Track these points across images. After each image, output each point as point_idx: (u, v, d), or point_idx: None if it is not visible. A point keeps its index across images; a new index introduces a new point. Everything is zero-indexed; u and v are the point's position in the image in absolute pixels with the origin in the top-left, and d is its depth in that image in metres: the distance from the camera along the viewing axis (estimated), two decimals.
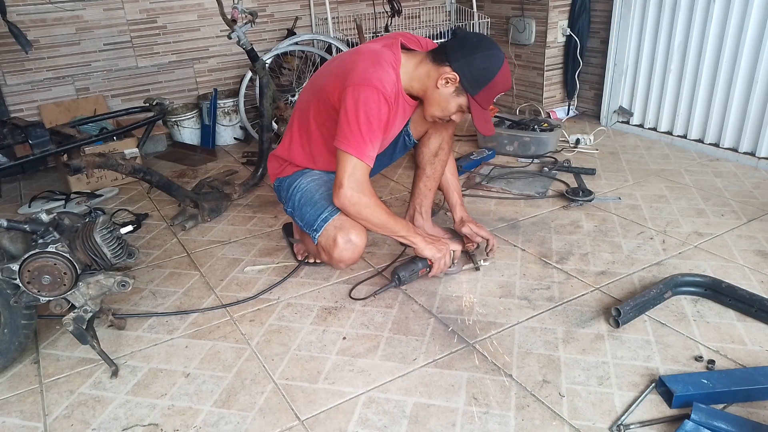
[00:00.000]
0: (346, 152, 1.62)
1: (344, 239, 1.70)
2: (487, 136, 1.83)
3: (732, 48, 2.78)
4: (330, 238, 1.71)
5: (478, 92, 1.67)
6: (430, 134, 1.98)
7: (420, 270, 1.85)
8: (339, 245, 1.70)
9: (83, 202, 2.68)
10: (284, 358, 1.61)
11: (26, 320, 1.56)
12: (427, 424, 1.36)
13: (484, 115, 1.73)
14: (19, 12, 2.98)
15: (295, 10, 3.70)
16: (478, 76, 1.65)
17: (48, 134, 2.11)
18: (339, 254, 1.72)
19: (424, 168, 2.04)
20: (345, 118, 1.61)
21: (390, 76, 1.65)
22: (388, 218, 1.72)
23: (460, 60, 1.64)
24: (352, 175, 1.63)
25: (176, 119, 3.41)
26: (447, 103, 1.71)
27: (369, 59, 1.66)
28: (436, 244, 1.82)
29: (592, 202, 2.46)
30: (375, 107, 1.60)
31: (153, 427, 1.40)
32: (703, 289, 1.79)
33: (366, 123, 1.60)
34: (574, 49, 3.48)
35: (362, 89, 1.60)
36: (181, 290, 1.98)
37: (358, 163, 1.63)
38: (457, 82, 1.66)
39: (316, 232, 1.75)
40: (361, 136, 1.61)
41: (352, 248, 1.72)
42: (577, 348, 1.59)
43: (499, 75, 1.66)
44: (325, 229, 1.73)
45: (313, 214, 1.78)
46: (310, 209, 1.80)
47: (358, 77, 1.62)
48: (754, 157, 2.78)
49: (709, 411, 1.29)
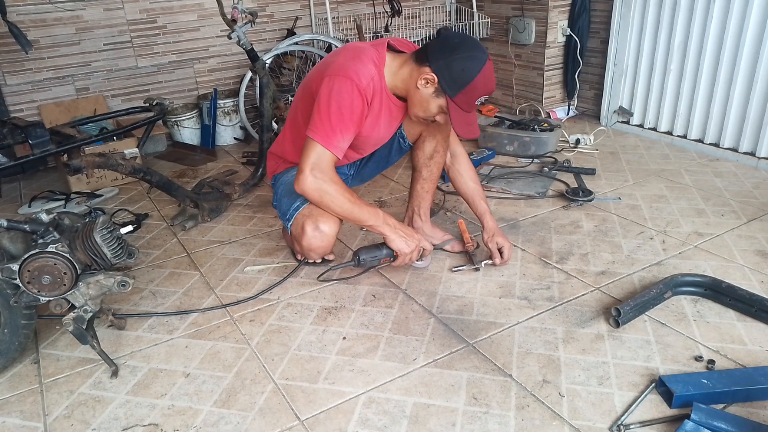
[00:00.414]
0: (313, 140, 1.63)
1: (312, 227, 1.72)
2: (468, 138, 1.81)
3: (732, 48, 2.78)
4: (299, 226, 1.73)
5: (456, 94, 1.64)
6: (425, 137, 1.97)
7: (383, 257, 1.83)
8: (307, 233, 1.72)
9: (83, 202, 2.68)
10: (284, 358, 1.61)
11: (26, 320, 1.56)
12: (427, 424, 1.36)
13: (465, 117, 1.70)
14: (19, 12, 2.98)
15: (295, 10, 3.70)
16: (456, 78, 1.62)
17: (48, 134, 2.11)
18: (308, 242, 1.74)
19: (421, 170, 2.03)
20: (317, 107, 1.63)
21: (368, 70, 1.65)
22: (353, 206, 1.70)
23: (439, 60, 1.62)
24: (316, 162, 1.63)
25: (176, 119, 3.41)
26: (428, 104, 1.70)
27: (350, 53, 1.68)
28: (408, 238, 1.80)
29: (592, 202, 2.46)
30: (348, 98, 1.61)
31: (153, 427, 1.40)
32: (703, 289, 1.79)
33: (337, 113, 1.61)
34: (574, 49, 3.48)
35: (336, 79, 1.61)
36: (181, 290, 1.98)
37: (323, 152, 1.63)
38: (436, 83, 1.64)
39: (288, 221, 1.78)
40: (330, 125, 1.61)
41: (321, 236, 1.73)
42: (577, 348, 1.59)
43: (479, 77, 1.62)
44: (295, 218, 1.76)
45: (288, 203, 1.81)
46: (287, 200, 1.82)
47: (335, 68, 1.64)
48: (754, 157, 2.78)
49: (709, 411, 1.29)
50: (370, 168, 2.12)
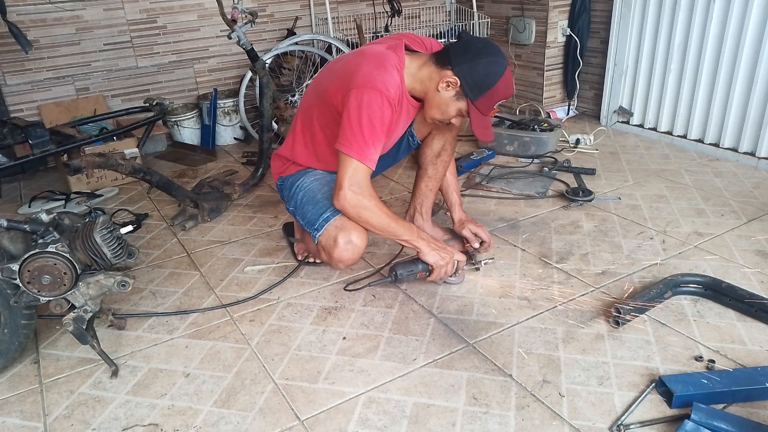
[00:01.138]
0: (347, 155, 1.62)
1: (345, 240, 1.70)
2: (486, 142, 1.81)
3: (732, 48, 2.78)
4: (331, 238, 1.71)
5: (478, 98, 1.65)
6: (434, 135, 1.98)
7: (419, 272, 1.82)
8: (339, 245, 1.70)
9: (83, 202, 2.68)
10: (284, 358, 1.61)
11: (26, 320, 1.56)
12: (427, 424, 1.36)
13: (484, 121, 1.72)
14: (19, 12, 2.98)
15: (295, 10, 3.70)
16: (479, 82, 1.63)
17: (48, 134, 2.11)
18: (339, 254, 1.72)
19: (426, 168, 2.03)
20: (348, 120, 1.61)
21: (394, 79, 1.65)
22: (390, 221, 1.71)
23: (462, 64, 1.63)
24: (352, 177, 1.63)
25: (176, 119, 3.41)
26: (447, 107, 1.70)
27: (373, 62, 1.65)
28: (441, 251, 1.78)
29: (592, 202, 2.46)
30: (378, 110, 1.60)
31: (153, 427, 1.40)
32: (703, 289, 1.79)
33: (369, 126, 1.60)
34: (574, 49, 3.48)
35: (365, 92, 1.59)
36: (181, 290, 1.98)
37: (359, 166, 1.62)
38: (458, 87, 1.65)
39: (317, 231, 1.75)
40: (363, 138, 1.60)
41: (353, 249, 1.71)
42: (577, 348, 1.59)
43: (500, 82, 1.64)
44: (326, 229, 1.73)
45: (315, 213, 1.78)
46: (312, 208, 1.80)
47: (362, 80, 1.61)
48: (754, 157, 2.78)
49: (709, 411, 1.29)
50: (378, 166, 2.10)
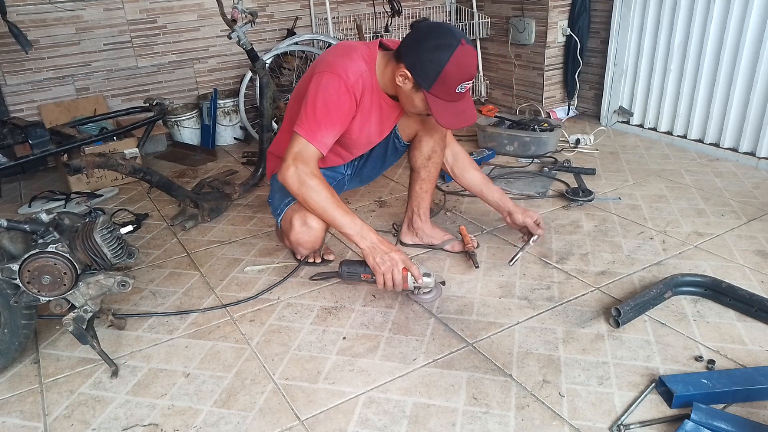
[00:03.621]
0: (297, 133, 1.64)
1: (300, 222, 1.72)
2: (457, 128, 1.72)
3: (732, 48, 2.78)
4: (288, 221, 1.75)
5: (432, 86, 1.59)
6: (421, 137, 1.95)
7: (362, 274, 1.72)
8: (295, 228, 1.73)
9: (83, 202, 2.68)
10: (284, 358, 1.61)
11: (26, 320, 1.56)
12: (427, 424, 1.36)
13: (449, 107, 1.63)
14: (19, 12, 2.99)
15: (295, 10, 3.70)
16: (427, 69, 1.56)
17: (48, 134, 2.11)
18: (296, 237, 1.75)
19: (419, 171, 2.02)
20: (305, 102, 1.64)
21: (357, 66, 1.65)
22: (334, 207, 1.63)
23: (410, 55, 1.59)
24: (299, 153, 1.63)
25: (176, 119, 3.41)
26: (413, 100, 1.67)
27: (340, 50, 1.69)
28: (382, 254, 1.64)
29: (592, 202, 2.46)
30: (334, 94, 1.61)
31: (153, 427, 1.40)
32: (703, 289, 1.79)
33: (323, 108, 1.61)
34: (574, 49, 3.48)
35: (324, 76, 1.62)
36: (181, 290, 1.98)
37: (307, 145, 1.63)
38: (411, 78, 1.61)
39: (278, 216, 1.80)
40: (316, 121, 1.62)
41: (309, 231, 1.73)
42: (577, 348, 1.59)
43: (449, 65, 1.54)
44: (285, 213, 1.77)
45: (280, 199, 1.82)
46: (279, 195, 1.84)
47: (324, 65, 1.65)
48: (754, 157, 2.78)
49: (709, 411, 1.29)
50: (368, 169, 2.12)
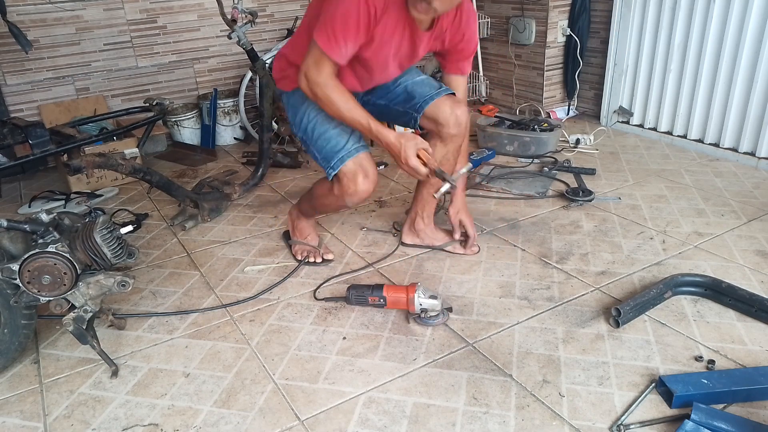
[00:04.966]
0: (316, 43, 1.63)
1: (362, 176, 1.76)
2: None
3: (732, 48, 2.78)
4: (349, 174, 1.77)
5: None
6: (435, 143, 1.93)
7: (370, 297, 1.77)
8: (358, 182, 1.76)
9: (83, 202, 2.68)
10: (284, 358, 1.61)
11: (26, 320, 1.56)
12: (427, 424, 1.36)
13: None
14: (19, 12, 2.99)
15: (295, 10, 3.70)
16: None
17: (48, 134, 2.11)
18: (356, 189, 1.78)
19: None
20: (324, 11, 1.63)
21: None
22: (356, 106, 1.69)
23: None
24: (317, 61, 1.64)
25: (176, 119, 3.41)
26: None
27: None
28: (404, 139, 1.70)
29: (592, 202, 2.46)
30: (354, 6, 1.59)
31: (153, 427, 1.40)
32: (703, 289, 1.79)
33: (341, 20, 1.60)
34: (574, 49, 3.48)
35: None
36: (181, 290, 1.98)
37: (323, 56, 1.63)
38: None
39: (332, 169, 1.80)
40: (334, 32, 1.61)
41: (368, 182, 1.78)
42: (577, 348, 1.59)
43: None
44: (346, 164, 1.77)
45: (330, 150, 1.81)
46: (326, 144, 1.82)
47: None
48: (754, 157, 2.78)
49: (709, 411, 1.29)
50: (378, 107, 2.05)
